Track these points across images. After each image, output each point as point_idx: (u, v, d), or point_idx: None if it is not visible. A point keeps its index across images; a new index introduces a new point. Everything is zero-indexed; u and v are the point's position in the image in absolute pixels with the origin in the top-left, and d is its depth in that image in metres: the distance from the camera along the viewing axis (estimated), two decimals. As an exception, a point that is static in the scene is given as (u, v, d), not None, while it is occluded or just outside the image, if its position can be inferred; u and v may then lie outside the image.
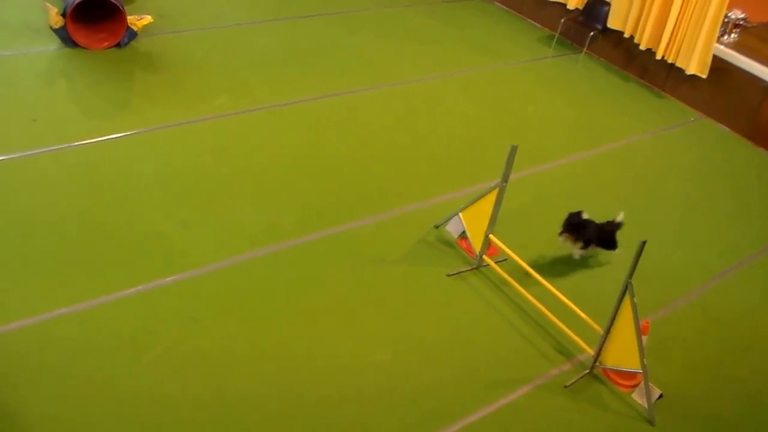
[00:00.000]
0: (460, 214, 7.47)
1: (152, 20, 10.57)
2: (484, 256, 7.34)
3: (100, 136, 8.54)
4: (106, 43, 10.43)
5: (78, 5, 9.98)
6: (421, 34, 12.49)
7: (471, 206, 7.33)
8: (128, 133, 8.69)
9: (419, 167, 8.94)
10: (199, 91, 9.76)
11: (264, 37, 11.58)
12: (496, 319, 6.92)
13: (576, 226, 7.51)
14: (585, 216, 7.53)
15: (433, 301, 6.93)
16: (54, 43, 10.32)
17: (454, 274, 7.22)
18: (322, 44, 11.63)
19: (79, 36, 10.29)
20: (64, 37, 10.28)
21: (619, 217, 7.73)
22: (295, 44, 11.50)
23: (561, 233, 7.54)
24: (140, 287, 6.66)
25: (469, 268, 7.40)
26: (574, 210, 7.55)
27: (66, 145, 8.33)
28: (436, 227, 7.78)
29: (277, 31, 11.84)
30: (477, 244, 7.33)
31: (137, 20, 10.44)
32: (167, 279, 6.79)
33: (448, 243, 7.69)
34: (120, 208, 7.56)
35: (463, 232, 7.50)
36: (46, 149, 8.23)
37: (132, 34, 10.50)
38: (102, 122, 8.85)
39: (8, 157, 8.03)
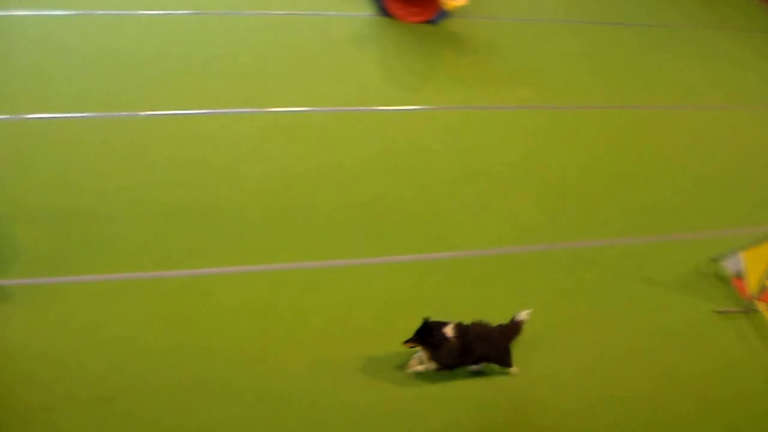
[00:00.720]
0: (742, 252, 7.20)
1: (466, 3, 10.84)
2: (758, 301, 7.05)
3: (399, 105, 8.95)
4: (418, 18, 10.87)
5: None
6: (727, 61, 11.94)
7: (755, 247, 7.05)
8: (426, 107, 9.04)
9: (708, 195, 8.68)
10: (502, 79, 9.99)
11: (575, 37, 11.66)
12: (756, 368, 6.60)
13: (430, 339, 5.76)
14: (449, 331, 5.73)
15: (693, 334, 6.74)
16: (369, 10, 10.87)
17: (721, 312, 6.99)
18: (626, 54, 11.52)
19: (394, 7, 10.81)
20: (380, 5, 10.83)
21: (522, 315, 6.02)
22: (602, 49, 11.50)
23: (408, 341, 5.81)
24: (413, 256, 7.02)
25: (739, 309, 7.09)
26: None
27: (365, 108, 8.81)
28: (713, 260, 7.54)
29: (588, 33, 11.89)
30: (753, 287, 7.03)
31: (451, 0, 10.74)
32: (438, 254, 7.08)
33: (721, 278, 7.41)
34: (405, 180, 7.95)
35: (741, 271, 7.22)
36: (348, 108, 8.71)
37: (444, 13, 10.84)
38: (402, 92, 9.26)
39: (311, 109, 8.60)
